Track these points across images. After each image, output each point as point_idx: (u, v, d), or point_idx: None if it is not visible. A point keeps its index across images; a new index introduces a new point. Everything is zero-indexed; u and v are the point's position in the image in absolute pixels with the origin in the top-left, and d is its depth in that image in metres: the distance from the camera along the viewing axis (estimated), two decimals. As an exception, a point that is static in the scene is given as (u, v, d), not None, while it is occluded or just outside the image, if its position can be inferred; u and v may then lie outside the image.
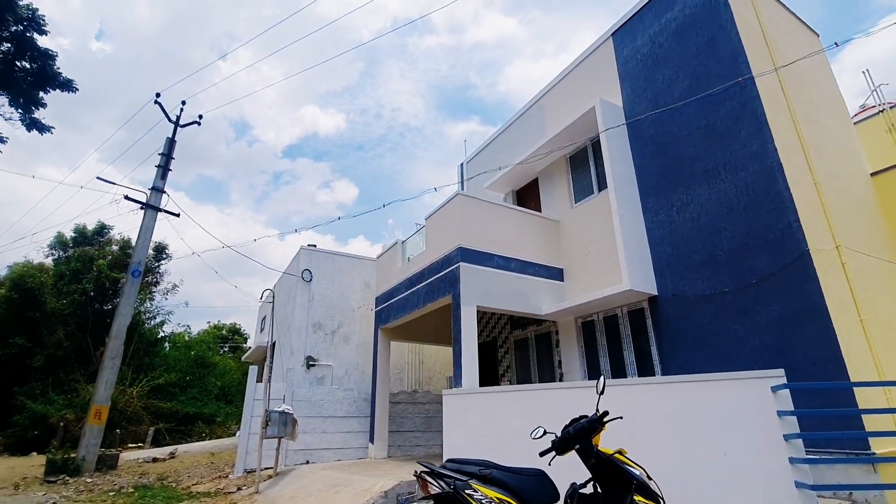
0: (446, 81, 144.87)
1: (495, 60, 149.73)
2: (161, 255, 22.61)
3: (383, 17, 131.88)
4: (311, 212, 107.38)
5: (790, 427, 4.33)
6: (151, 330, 20.98)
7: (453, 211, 8.40)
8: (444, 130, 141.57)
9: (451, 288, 7.87)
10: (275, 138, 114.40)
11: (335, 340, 11.63)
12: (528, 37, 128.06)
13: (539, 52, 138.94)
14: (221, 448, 12.25)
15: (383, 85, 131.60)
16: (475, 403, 6.62)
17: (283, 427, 8.17)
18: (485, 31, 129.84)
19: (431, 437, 11.07)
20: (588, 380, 8.18)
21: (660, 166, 7.59)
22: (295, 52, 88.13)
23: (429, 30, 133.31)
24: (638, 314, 7.58)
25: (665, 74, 7.81)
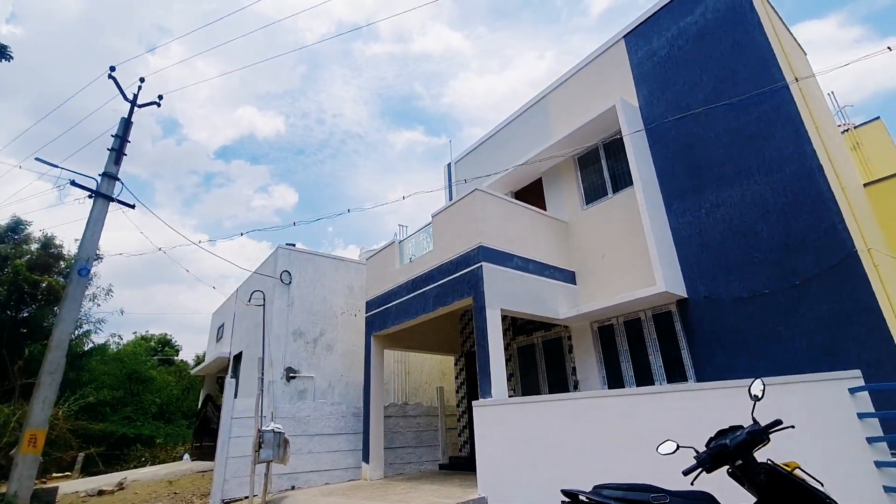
0: (391, 90, 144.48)
1: (441, 73, 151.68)
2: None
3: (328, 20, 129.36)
4: (246, 216, 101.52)
5: (872, 430, 4.15)
6: (77, 341, 18.38)
7: (470, 207, 7.84)
8: (388, 139, 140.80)
9: (472, 290, 7.28)
10: (208, 138, 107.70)
11: (317, 350, 10.57)
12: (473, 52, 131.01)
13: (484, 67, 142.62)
14: (177, 474, 10.67)
15: (325, 89, 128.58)
16: (515, 414, 6.05)
17: (277, 449, 7.11)
18: (431, 43, 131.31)
19: (423, 452, 10.31)
20: (607, 388, 7.89)
21: (684, 168, 7.51)
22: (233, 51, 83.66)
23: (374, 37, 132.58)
24: (664, 318, 7.38)
25: (687, 77, 7.79)
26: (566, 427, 5.48)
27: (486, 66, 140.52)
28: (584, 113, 9.12)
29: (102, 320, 19.02)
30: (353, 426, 9.63)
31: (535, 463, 5.60)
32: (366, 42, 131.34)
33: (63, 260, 19.15)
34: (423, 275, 8.49)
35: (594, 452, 5.13)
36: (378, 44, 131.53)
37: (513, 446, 5.90)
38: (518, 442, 5.89)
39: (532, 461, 5.65)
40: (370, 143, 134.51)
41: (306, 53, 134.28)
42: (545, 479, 5.46)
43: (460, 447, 10.53)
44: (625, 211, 8.26)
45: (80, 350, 18.09)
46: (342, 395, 10.43)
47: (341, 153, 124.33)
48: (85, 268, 9.37)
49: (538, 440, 5.68)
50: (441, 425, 10.73)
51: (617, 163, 8.70)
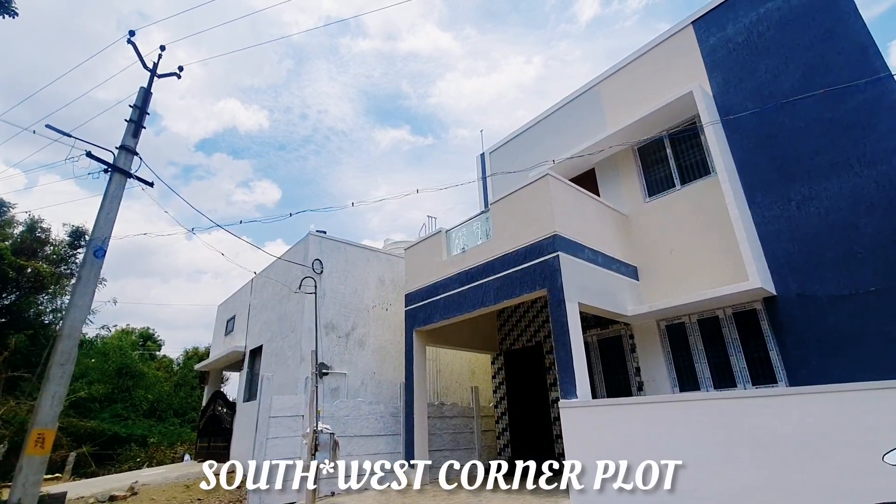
0: (377, 88, 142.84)
1: (428, 72, 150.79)
2: (78, 241, 18.75)
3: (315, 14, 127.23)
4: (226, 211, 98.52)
5: None
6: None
7: (541, 193, 7.31)
8: (373, 136, 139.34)
9: (546, 281, 6.74)
10: (188, 130, 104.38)
11: (349, 345, 9.87)
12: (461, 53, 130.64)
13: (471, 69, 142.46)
14: (190, 477, 9.80)
15: (310, 85, 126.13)
16: (613, 417, 5.52)
17: (331, 451, 6.42)
18: (420, 42, 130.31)
19: (460, 455, 9.70)
20: (678, 390, 7.45)
21: (768, 159, 7.13)
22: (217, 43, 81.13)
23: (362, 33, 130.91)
24: (747, 316, 6.98)
25: (769, 65, 7.42)
26: (677, 432, 4.98)
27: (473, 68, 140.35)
28: (647, 102, 8.70)
29: (93, 311, 17.74)
30: (391, 427, 8.97)
31: (641, 475, 5.08)
32: (353, 38, 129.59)
33: (50, 244, 17.86)
34: (481, 266, 7.91)
35: (711, 461, 4.65)
36: (366, 40, 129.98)
37: (612, 453, 5.38)
38: (619, 448, 5.36)
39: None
40: (354, 140, 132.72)
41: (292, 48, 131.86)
42: (657, 495, 4.95)
43: (500, 450, 9.96)
44: (696, 204, 7.85)
45: (67, 342, 16.80)
46: (374, 393, 9.75)
47: (325, 150, 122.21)
48: (101, 248, 8.46)
49: (644, 446, 5.16)
50: (477, 427, 10.15)
51: (685, 153, 8.30)
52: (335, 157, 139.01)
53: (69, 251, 18.40)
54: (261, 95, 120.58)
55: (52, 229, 17.75)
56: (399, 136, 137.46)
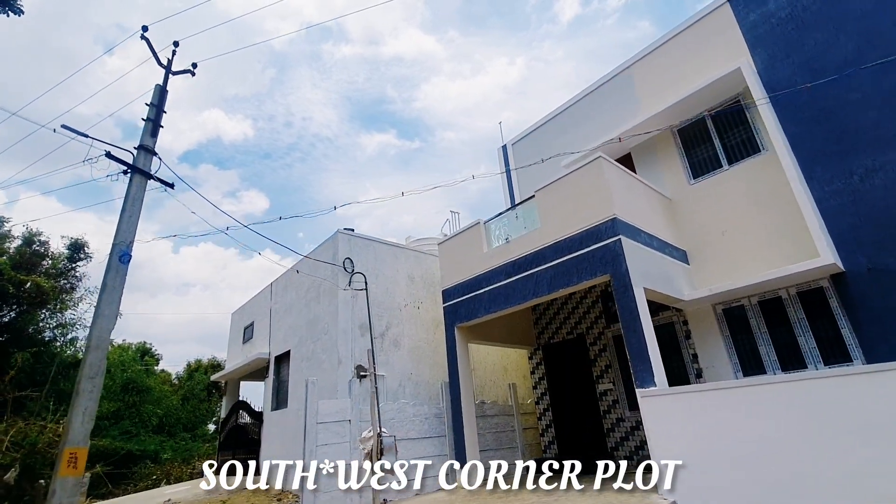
0: (361, 93, 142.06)
1: (412, 76, 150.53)
2: (77, 254, 18.07)
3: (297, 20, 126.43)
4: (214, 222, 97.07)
5: None
6: (68, 348, 16.44)
7: (593, 177, 7.04)
8: (359, 142, 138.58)
9: (608, 267, 6.46)
10: (171, 142, 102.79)
11: (385, 345, 9.48)
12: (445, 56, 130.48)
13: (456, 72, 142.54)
14: (222, 492, 9.32)
15: (293, 92, 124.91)
16: (705, 404, 5.25)
17: (395, 455, 6.06)
18: (404, 46, 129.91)
19: (503, 454, 9.35)
20: (741, 375, 7.21)
21: (824, 133, 6.94)
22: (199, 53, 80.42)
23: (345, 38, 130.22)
24: (814, 294, 6.77)
25: (818, 38, 7.25)
26: (775, 415, 4.72)
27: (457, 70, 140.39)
28: (685, 83, 8.51)
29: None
30: (436, 429, 8.61)
31: (737, 463, 4.82)
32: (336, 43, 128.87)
33: (49, 258, 17.16)
34: (529, 255, 7.61)
35: (815, 445, 4.40)
36: (348, 45, 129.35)
37: (703, 442, 5.10)
38: (710, 437, 5.09)
39: (733, 461, 4.86)
40: (340, 146, 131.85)
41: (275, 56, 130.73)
42: (760, 484, 4.68)
43: (545, 448, 9.65)
44: (748, 183, 7.65)
45: (73, 359, 16.11)
46: (413, 395, 9.37)
47: (311, 157, 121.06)
48: (126, 253, 8.00)
49: (739, 433, 4.89)
50: (518, 425, 9.83)
51: (730, 132, 8.11)
52: (321, 164, 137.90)
53: (69, 264, 17.71)
54: (244, 104, 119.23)
55: (50, 242, 17.07)
56: (385, 141, 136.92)
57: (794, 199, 7.04)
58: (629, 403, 8.46)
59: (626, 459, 8.20)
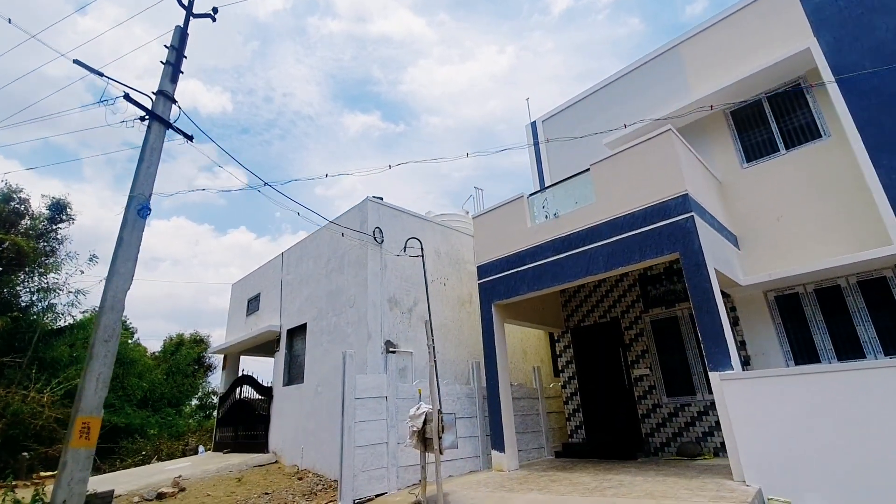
0: (346, 72, 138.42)
1: (400, 58, 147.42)
2: (59, 215, 16.87)
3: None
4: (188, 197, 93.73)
5: None
6: (47, 315, 15.36)
7: (662, 150, 6.70)
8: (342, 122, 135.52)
9: (678, 245, 6.16)
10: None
11: (412, 321, 9.04)
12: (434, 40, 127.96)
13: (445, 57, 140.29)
14: (232, 469, 8.76)
15: (275, 66, 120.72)
16: (790, 389, 5.00)
17: (455, 434, 5.66)
18: (392, 26, 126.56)
19: (529, 439, 9.10)
20: (793, 363, 7.08)
21: (893, 120, 6.76)
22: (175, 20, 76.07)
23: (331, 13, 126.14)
24: (876, 284, 6.64)
25: (886, 24, 7.03)
26: (865, 403, 4.52)
27: (446, 55, 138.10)
28: (741, 63, 8.25)
29: (82, 291, 16.03)
30: (468, 410, 8.26)
31: (831, 450, 4.61)
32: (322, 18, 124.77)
33: (28, 217, 15.94)
34: (583, 231, 7.25)
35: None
36: (335, 21, 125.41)
37: (791, 430, 4.87)
38: (797, 423, 4.86)
39: (820, 445, 4.65)
40: (322, 125, 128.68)
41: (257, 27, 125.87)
42: (853, 471, 4.48)
43: (571, 432, 9.42)
44: (807, 169, 7.46)
45: (49, 328, 15.03)
46: (439, 373, 8.96)
47: (291, 134, 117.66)
48: (145, 206, 7.29)
49: (825, 419, 4.68)
50: (542, 408, 9.57)
51: (788, 116, 7.89)
52: (301, 143, 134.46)
53: (49, 226, 16.50)
54: (223, 76, 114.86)
55: (30, 201, 15.84)
56: (369, 122, 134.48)
57: (856, 186, 6.91)
58: (667, 390, 8.27)
59: (664, 446, 8.04)
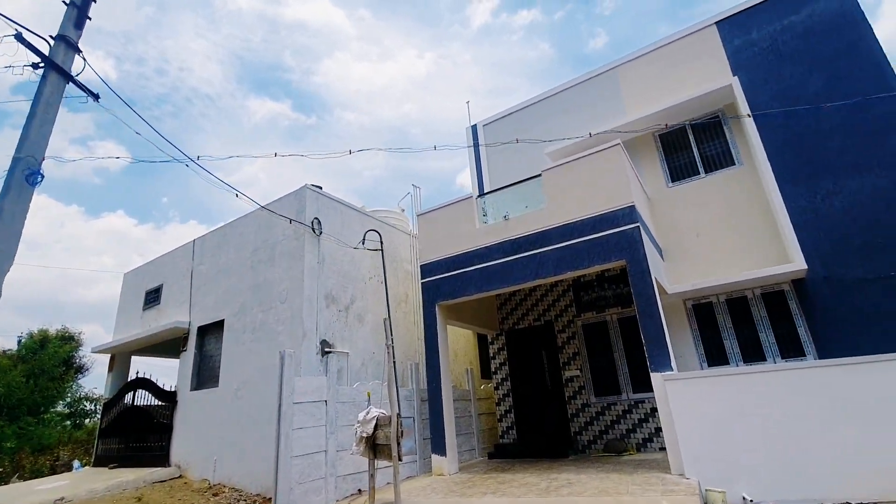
0: (254, 55, 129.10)
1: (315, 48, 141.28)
2: None
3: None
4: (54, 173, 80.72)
5: None
6: None
7: (612, 163, 7.05)
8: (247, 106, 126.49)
9: (626, 252, 6.51)
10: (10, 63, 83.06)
11: (349, 320, 8.52)
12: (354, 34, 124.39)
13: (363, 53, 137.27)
14: (124, 486, 7.48)
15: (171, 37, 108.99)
16: (722, 388, 5.49)
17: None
18: (309, 13, 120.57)
19: (461, 441, 9.03)
20: (707, 366, 7.84)
21: (795, 155, 7.80)
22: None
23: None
24: (776, 297, 7.59)
25: (794, 71, 8.16)
26: (781, 399, 5.14)
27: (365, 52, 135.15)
28: (670, 91, 9.07)
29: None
30: (406, 412, 7.95)
31: (755, 443, 5.13)
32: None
33: None
34: (532, 235, 7.37)
35: (817, 426, 4.93)
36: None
37: (720, 423, 5.33)
38: (726, 419, 5.34)
39: (751, 440, 5.16)
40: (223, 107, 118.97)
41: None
42: (773, 461, 5.03)
43: (502, 433, 9.53)
44: (722, 192, 8.35)
45: None
46: (374, 375, 8.57)
47: (185, 113, 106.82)
48: (35, 172, 6.04)
49: (757, 417, 5.21)
50: (474, 410, 9.59)
51: (708, 144, 8.78)
52: (197, 123, 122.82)
53: None
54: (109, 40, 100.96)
55: None
56: (278, 111, 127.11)
57: (765, 210, 7.88)
58: (595, 390, 8.72)
59: (591, 443, 8.44)
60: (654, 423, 7.99)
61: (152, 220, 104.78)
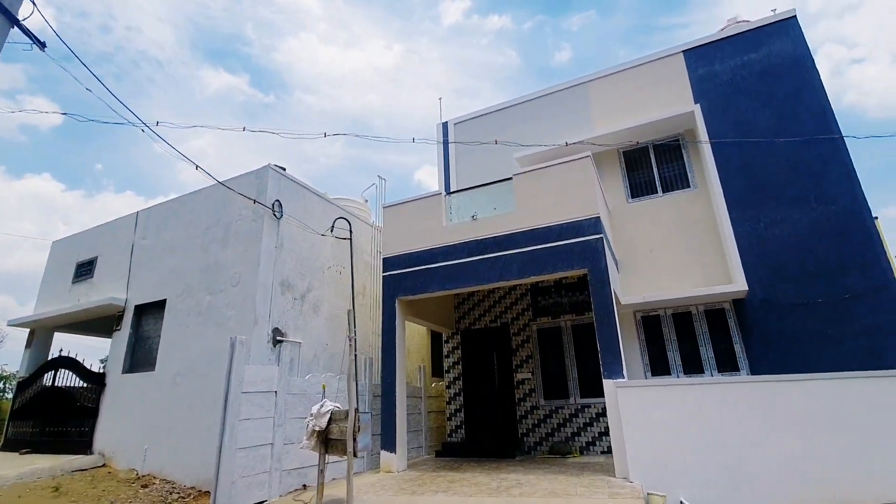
0: (213, 22, 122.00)
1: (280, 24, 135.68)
2: None
3: None
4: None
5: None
6: None
7: (581, 173, 7.26)
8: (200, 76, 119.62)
9: (588, 262, 6.72)
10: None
11: (304, 309, 8.23)
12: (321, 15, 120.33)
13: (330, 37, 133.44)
14: (37, 473, 6.82)
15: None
16: (670, 397, 5.78)
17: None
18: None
19: (410, 438, 8.97)
20: (650, 375, 8.23)
21: (745, 183, 8.35)
22: None
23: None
24: (717, 314, 8.08)
25: (748, 105, 8.73)
26: (722, 409, 5.51)
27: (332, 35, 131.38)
28: (636, 110, 9.47)
29: None
30: (359, 408, 7.78)
31: (695, 451, 5.44)
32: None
33: None
34: (499, 237, 7.44)
35: (754, 436, 5.32)
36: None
37: (668, 432, 5.61)
38: (671, 425, 5.62)
39: (693, 448, 5.47)
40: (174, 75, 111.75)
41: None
42: (710, 469, 5.35)
43: (451, 432, 9.55)
44: (677, 212, 8.80)
45: None
46: (326, 367, 8.33)
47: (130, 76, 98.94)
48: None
49: (697, 426, 5.53)
50: (424, 408, 9.56)
51: (667, 165, 9.22)
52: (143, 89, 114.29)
53: None
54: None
55: None
56: (234, 84, 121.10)
57: (714, 232, 8.38)
58: (545, 393, 8.94)
59: (537, 445, 8.64)
60: (598, 427, 8.31)
61: (83, 187, 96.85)
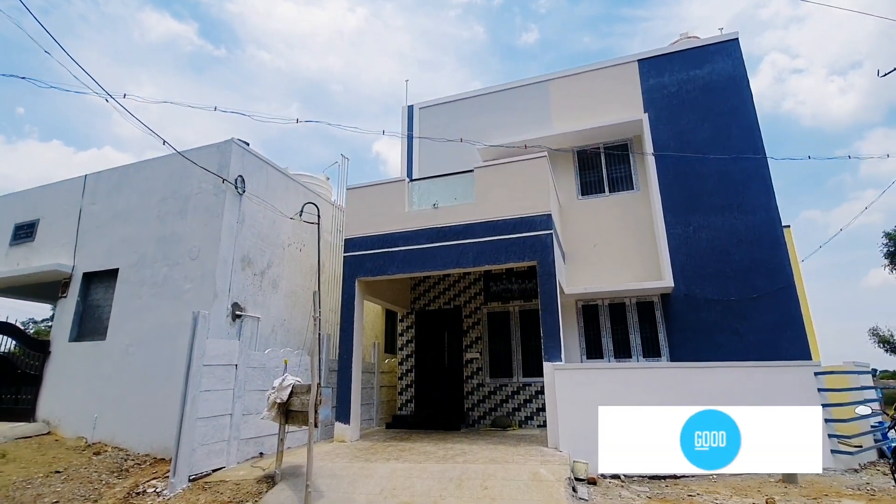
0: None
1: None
2: None
3: None
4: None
5: (826, 400, 6.48)
6: None
7: (537, 171, 7.81)
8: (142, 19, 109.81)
9: (538, 255, 7.34)
10: None
11: (264, 284, 8.36)
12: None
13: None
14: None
15: None
16: (595, 379, 6.56)
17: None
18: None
19: (362, 411, 9.42)
20: (586, 358, 9.10)
21: (680, 189, 9.24)
22: None
23: None
24: (647, 305, 9.01)
25: (690, 118, 9.59)
26: (637, 388, 6.37)
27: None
28: (592, 112, 10.11)
29: None
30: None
31: (623, 422, 6.25)
32: None
33: None
34: (458, 226, 7.89)
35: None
36: None
37: (591, 409, 6.37)
38: (597, 405, 6.39)
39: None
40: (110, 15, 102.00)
41: None
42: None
43: (401, 406, 10.10)
44: (620, 211, 9.59)
45: None
46: (283, 343, 8.55)
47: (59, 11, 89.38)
48: None
49: (622, 403, 6.33)
50: (376, 382, 10.02)
51: (615, 167, 9.97)
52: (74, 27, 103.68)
53: None
54: None
55: None
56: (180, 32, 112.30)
57: (650, 232, 9.23)
58: (491, 372, 9.64)
59: (481, 419, 9.37)
60: (537, 404, 9.12)
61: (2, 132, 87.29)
